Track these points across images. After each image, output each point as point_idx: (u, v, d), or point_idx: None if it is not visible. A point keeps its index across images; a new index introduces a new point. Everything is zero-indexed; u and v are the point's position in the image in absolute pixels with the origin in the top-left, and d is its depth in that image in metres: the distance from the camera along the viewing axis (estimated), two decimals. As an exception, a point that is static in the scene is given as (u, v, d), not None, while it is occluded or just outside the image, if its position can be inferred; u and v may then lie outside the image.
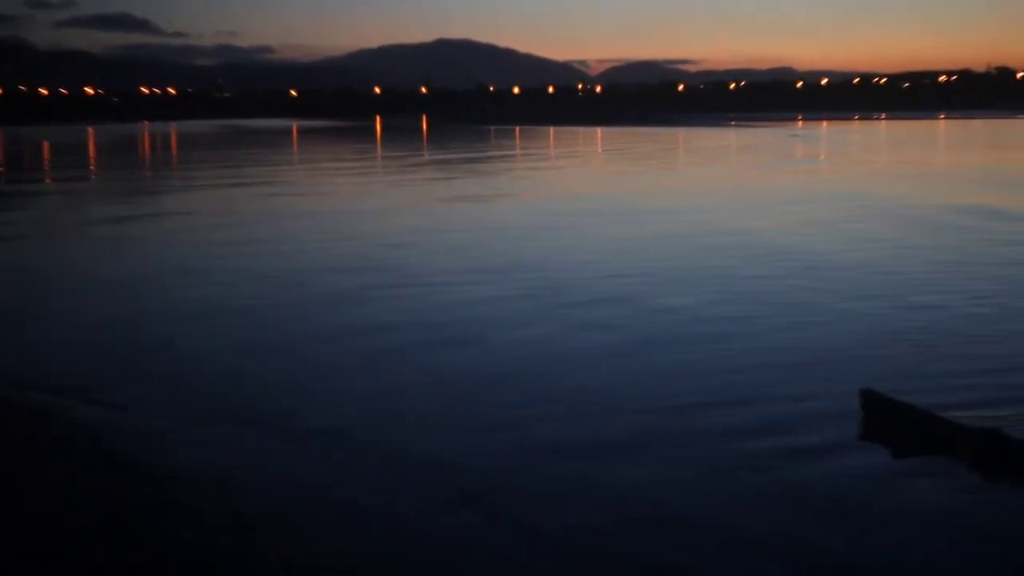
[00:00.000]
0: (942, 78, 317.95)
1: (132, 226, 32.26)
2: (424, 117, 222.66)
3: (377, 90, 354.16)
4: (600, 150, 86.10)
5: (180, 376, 13.78)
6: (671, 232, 28.22)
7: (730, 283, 20.09)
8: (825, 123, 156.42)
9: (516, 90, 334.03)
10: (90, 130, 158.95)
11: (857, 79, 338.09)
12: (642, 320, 16.85)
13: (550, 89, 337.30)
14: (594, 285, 19.92)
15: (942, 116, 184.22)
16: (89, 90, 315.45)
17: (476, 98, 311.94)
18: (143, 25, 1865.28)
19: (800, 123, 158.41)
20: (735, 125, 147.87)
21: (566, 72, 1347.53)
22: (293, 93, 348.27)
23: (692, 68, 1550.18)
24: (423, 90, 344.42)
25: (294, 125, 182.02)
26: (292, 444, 10.94)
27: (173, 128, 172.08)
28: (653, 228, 29.32)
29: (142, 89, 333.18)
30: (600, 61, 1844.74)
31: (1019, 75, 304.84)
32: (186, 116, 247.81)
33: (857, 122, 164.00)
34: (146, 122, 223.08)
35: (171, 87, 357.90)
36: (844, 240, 26.24)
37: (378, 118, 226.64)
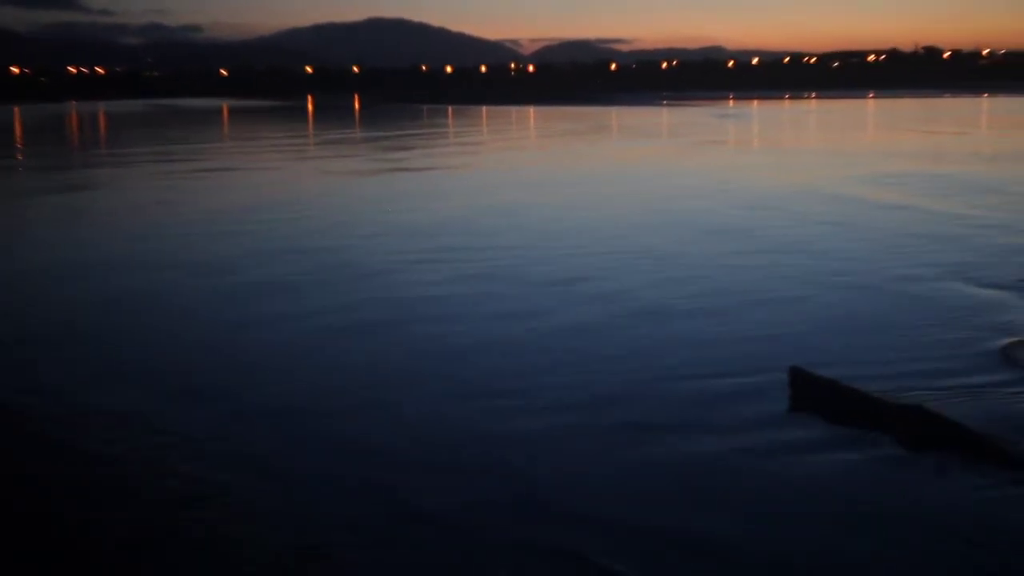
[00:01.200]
0: (871, 57, 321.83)
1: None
2: (357, 97, 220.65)
3: (309, 69, 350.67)
4: (520, 129, 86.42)
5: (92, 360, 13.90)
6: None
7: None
8: (756, 102, 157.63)
9: (449, 69, 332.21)
10: (15, 110, 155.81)
11: (787, 58, 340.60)
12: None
13: (483, 68, 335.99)
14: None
15: (871, 95, 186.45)
16: (15, 69, 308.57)
17: (409, 77, 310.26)
18: (70, 3, 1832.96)
19: (732, 102, 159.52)
20: (667, 104, 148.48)
21: (499, 51, 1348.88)
22: (224, 72, 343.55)
23: (625, 47, 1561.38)
24: (355, 69, 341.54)
25: (225, 105, 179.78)
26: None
27: (101, 108, 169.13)
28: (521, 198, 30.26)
29: (69, 69, 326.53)
30: (533, 40, 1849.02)
31: (946, 55, 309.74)
32: (115, 96, 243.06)
33: (788, 101, 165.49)
34: (74, 102, 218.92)
35: (99, 66, 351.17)
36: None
37: (310, 98, 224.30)
